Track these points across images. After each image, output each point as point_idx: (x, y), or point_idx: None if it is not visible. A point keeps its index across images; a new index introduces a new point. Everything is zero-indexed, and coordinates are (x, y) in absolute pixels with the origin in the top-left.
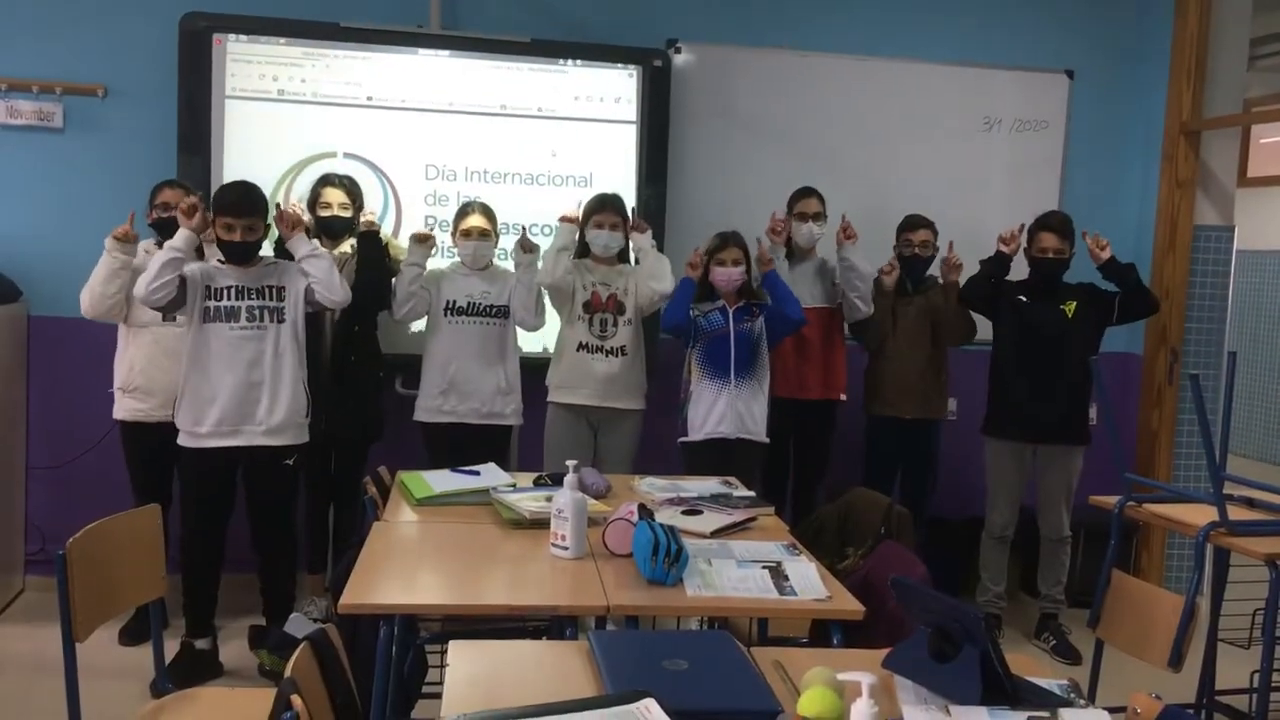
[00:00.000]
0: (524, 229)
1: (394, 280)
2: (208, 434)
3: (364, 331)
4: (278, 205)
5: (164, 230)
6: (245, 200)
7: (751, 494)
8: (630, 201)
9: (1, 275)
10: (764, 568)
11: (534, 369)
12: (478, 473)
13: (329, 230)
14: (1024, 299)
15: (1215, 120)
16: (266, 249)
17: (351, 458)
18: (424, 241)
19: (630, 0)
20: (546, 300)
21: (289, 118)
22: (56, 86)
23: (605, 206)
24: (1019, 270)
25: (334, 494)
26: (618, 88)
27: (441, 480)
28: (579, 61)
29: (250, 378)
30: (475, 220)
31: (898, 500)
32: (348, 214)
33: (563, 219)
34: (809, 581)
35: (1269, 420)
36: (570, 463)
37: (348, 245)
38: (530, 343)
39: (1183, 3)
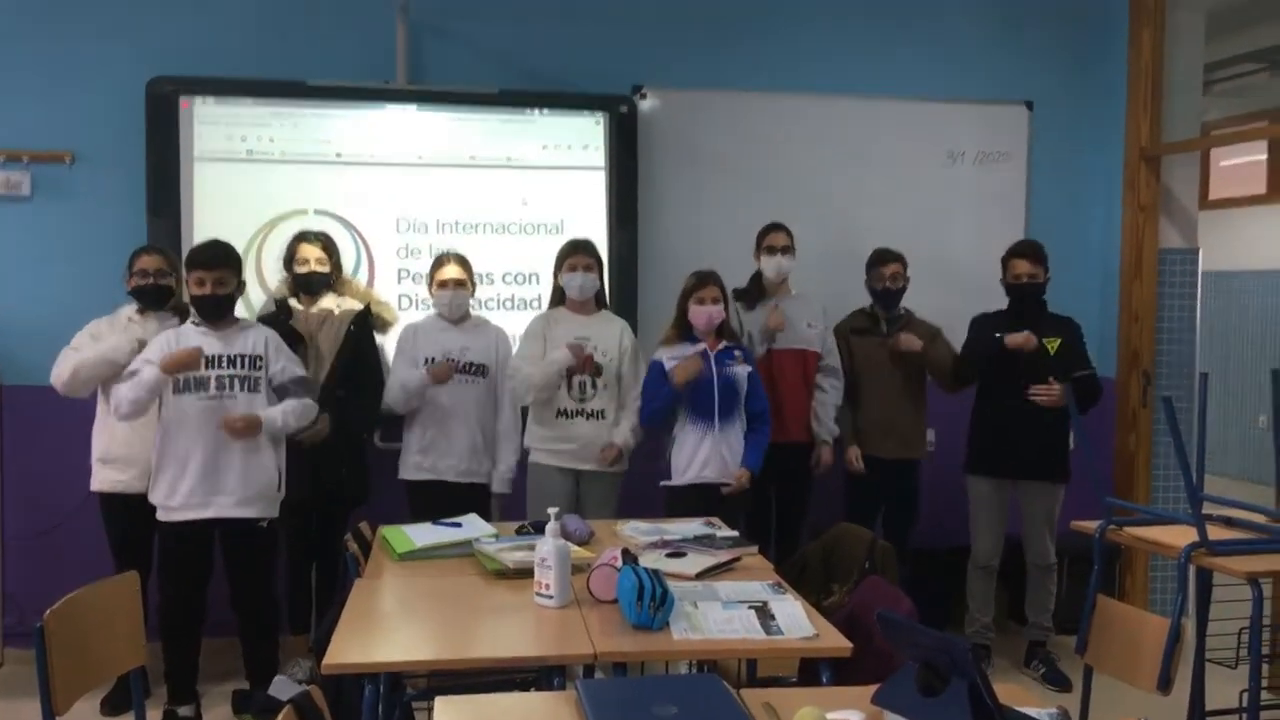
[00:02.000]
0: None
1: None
2: (179, 506)
3: (349, 396)
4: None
5: (143, 298)
6: (214, 254)
7: (735, 534)
8: (602, 246)
9: None
10: (750, 608)
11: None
12: (459, 524)
13: (307, 287)
14: (1002, 335)
15: (1174, 145)
16: (242, 310)
17: (334, 518)
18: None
19: (595, 48)
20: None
21: (258, 177)
22: (23, 155)
23: (578, 250)
24: (998, 300)
25: (315, 553)
26: (585, 135)
27: (423, 534)
28: (546, 110)
29: (220, 447)
30: (451, 271)
31: (880, 537)
32: (325, 269)
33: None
34: (795, 620)
35: (1244, 439)
36: (552, 510)
37: (327, 300)
38: None
39: (1137, 30)
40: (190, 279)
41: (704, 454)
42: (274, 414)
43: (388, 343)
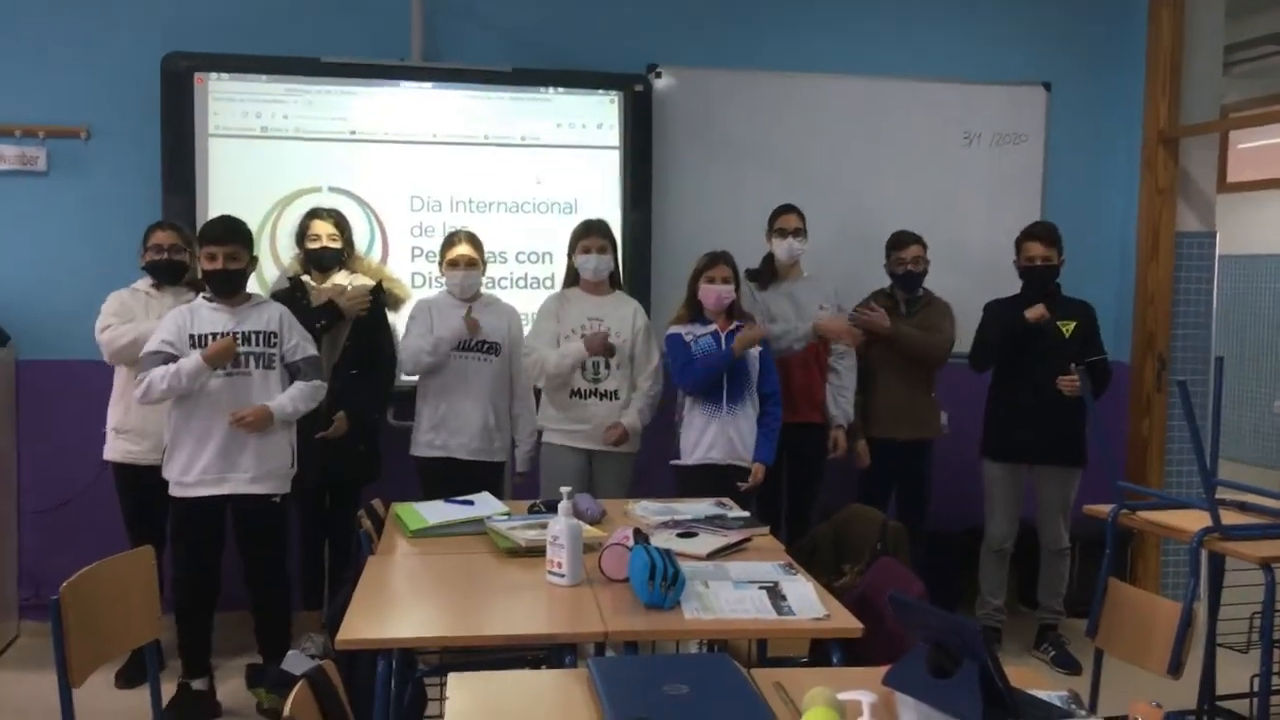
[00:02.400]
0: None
1: (399, 326)
2: (194, 483)
3: (363, 375)
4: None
5: (157, 273)
6: (225, 230)
7: (746, 514)
8: (616, 225)
9: None
10: (761, 588)
11: None
12: (472, 502)
13: (319, 263)
14: (1021, 316)
15: (1193, 127)
16: (254, 286)
17: (347, 495)
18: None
19: (610, 27)
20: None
21: (273, 154)
22: (40, 130)
23: (591, 231)
24: (1014, 284)
25: (328, 529)
26: (600, 114)
27: (435, 511)
28: (560, 89)
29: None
30: (462, 249)
31: (893, 518)
32: (337, 245)
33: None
34: (806, 601)
35: (1259, 424)
36: (564, 489)
37: (339, 277)
38: None
39: (1156, 12)
40: (202, 254)
41: (711, 435)
42: (283, 402)
43: (399, 321)
